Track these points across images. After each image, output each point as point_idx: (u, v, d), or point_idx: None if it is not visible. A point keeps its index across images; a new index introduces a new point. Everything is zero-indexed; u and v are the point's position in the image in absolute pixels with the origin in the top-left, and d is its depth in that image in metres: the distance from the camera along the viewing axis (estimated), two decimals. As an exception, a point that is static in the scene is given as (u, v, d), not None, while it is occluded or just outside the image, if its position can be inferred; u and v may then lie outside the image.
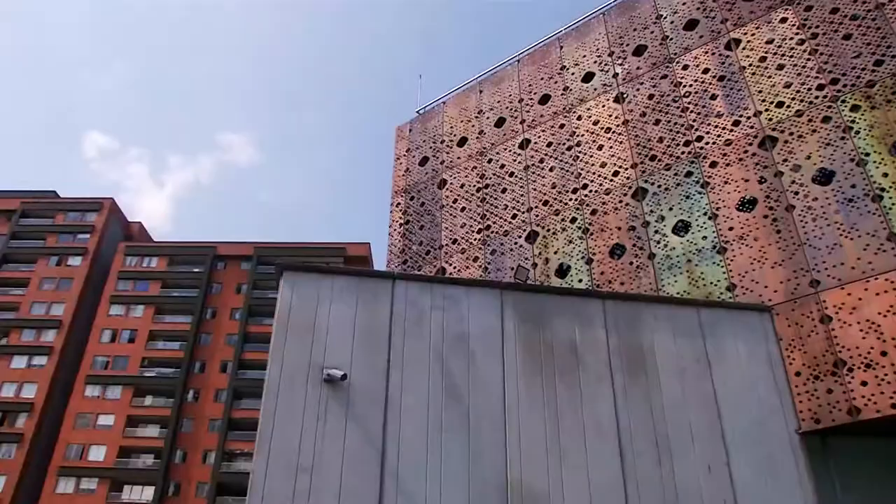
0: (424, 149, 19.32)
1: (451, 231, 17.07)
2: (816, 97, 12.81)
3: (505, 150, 17.25)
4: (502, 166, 17.03)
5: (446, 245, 16.93)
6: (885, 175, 11.44)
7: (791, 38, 13.70)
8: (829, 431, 10.47)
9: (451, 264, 16.50)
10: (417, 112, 20.36)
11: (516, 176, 16.57)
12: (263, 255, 70.16)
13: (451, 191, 17.80)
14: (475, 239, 16.39)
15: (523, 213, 15.87)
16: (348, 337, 9.54)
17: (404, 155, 19.71)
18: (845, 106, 12.42)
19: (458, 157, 18.23)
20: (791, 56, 13.53)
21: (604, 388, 9.90)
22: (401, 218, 18.47)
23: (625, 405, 9.78)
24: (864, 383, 10.22)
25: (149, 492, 58.86)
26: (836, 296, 11.02)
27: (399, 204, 18.79)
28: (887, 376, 10.07)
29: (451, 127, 19.01)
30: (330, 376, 9.08)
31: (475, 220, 16.69)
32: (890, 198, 11.23)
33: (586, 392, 9.79)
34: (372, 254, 68.81)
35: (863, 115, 12.16)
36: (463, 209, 17.17)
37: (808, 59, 13.26)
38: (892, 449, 11.03)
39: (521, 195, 16.16)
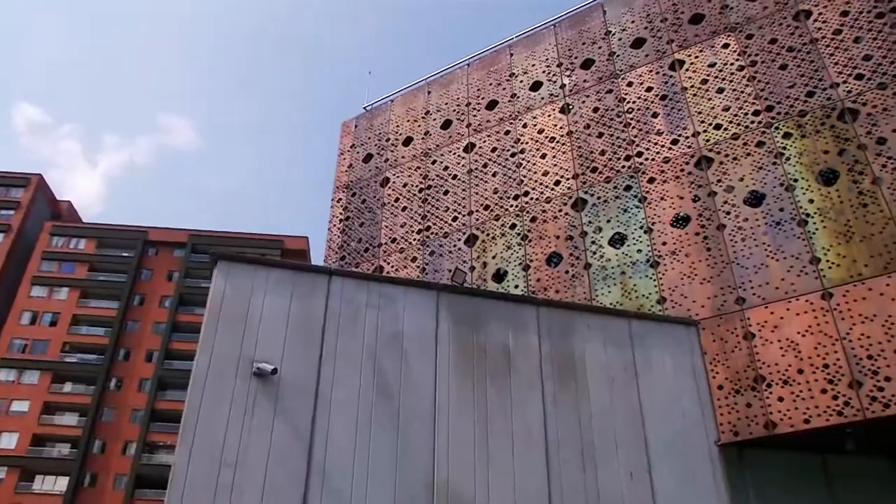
0: (369, 146, 19.22)
1: (390, 230, 17.03)
2: (752, 122, 13.28)
3: (450, 152, 17.32)
4: (446, 168, 17.08)
5: (385, 243, 16.88)
6: (811, 201, 11.95)
7: (732, 64, 14.17)
8: (746, 444, 10.88)
9: (389, 263, 16.46)
10: (365, 108, 20.25)
11: (459, 179, 16.65)
12: (198, 242, 68.45)
13: (393, 189, 17.76)
14: (415, 239, 16.40)
15: (464, 216, 15.96)
16: (281, 331, 9.40)
17: (349, 150, 19.58)
18: (778, 133, 12.92)
19: (403, 157, 18.20)
20: (731, 81, 14.00)
21: (534, 394, 10.03)
22: (341, 214, 18.32)
23: (554, 412, 9.94)
24: (780, 399, 10.64)
25: (63, 482, 56.62)
26: (759, 314, 11.44)
27: (340, 199, 18.64)
28: (802, 393, 10.51)
29: (398, 126, 18.97)
30: (260, 370, 8.94)
31: (416, 221, 16.70)
32: (814, 223, 11.73)
33: (517, 397, 9.90)
34: (310, 248, 68.10)
35: (794, 142, 12.67)
36: (404, 209, 17.15)
37: (747, 86, 13.74)
38: (805, 462, 11.54)
39: (463, 198, 16.24)
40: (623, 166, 14.37)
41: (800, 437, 10.67)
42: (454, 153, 17.21)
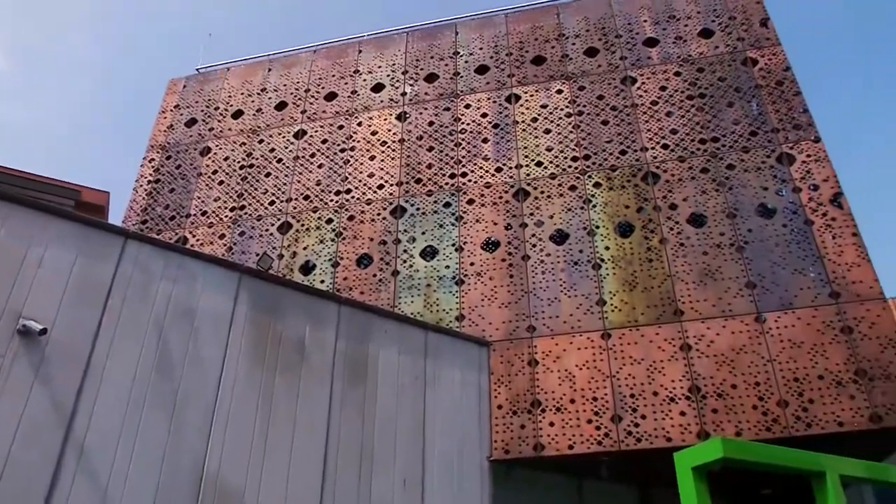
0: (195, 110, 18.15)
1: (202, 202, 16.16)
2: (569, 166, 14.24)
3: (279, 134, 16.81)
4: (272, 150, 16.55)
5: (194, 215, 15.98)
6: (607, 248, 13.02)
7: (561, 109, 15.12)
8: (515, 462, 11.53)
9: (195, 236, 15.59)
10: (197, 70, 19.11)
11: (284, 164, 16.20)
12: (-27, 175, 60.55)
13: (213, 161, 16.88)
14: (227, 216, 15.68)
15: (282, 202, 15.53)
16: (59, 289, 8.48)
17: (171, 110, 18.34)
18: (590, 181, 13.95)
19: (230, 129, 17.39)
20: (558, 124, 14.93)
21: (323, 391, 9.92)
22: (151, 175, 17.09)
23: (339, 411, 9.88)
24: (551, 424, 11.42)
25: None
26: (545, 343, 12.22)
27: (153, 160, 17.38)
28: (571, 421, 11.36)
29: (230, 96, 18.11)
30: (26, 328, 7.98)
31: (231, 197, 15.98)
32: (606, 269, 12.78)
33: (305, 392, 9.73)
34: (109, 206, 62.59)
35: (602, 192, 13.75)
36: (221, 183, 16.36)
37: (571, 132, 14.72)
38: (564, 484, 12.47)
39: (285, 184, 15.82)
40: (447, 183, 14.76)
41: (563, 460, 11.52)
42: (284, 136, 16.73)
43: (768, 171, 13.30)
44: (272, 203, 15.59)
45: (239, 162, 16.60)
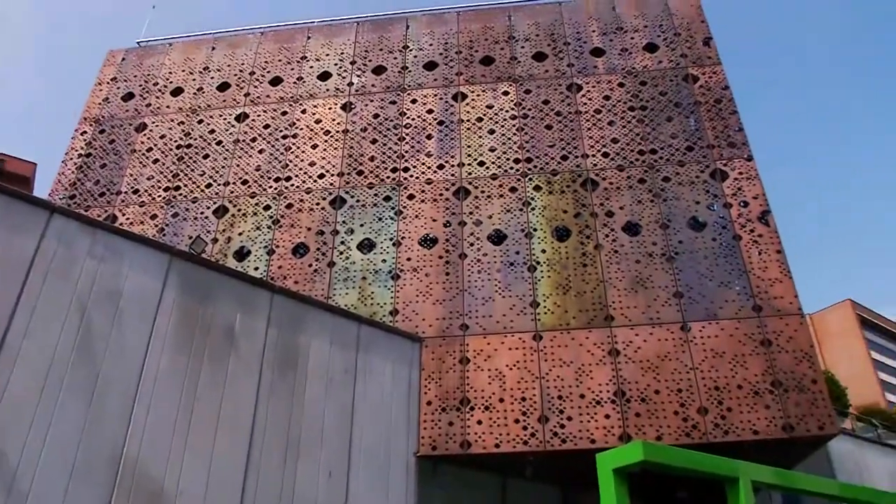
0: (133, 84, 17.56)
1: (135, 180, 15.64)
2: (511, 168, 14.37)
3: (220, 116, 16.42)
4: (212, 131, 16.16)
5: (126, 193, 15.45)
6: (543, 251, 13.20)
7: (506, 111, 15.25)
8: (442, 459, 11.58)
9: (125, 214, 15.07)
10: (138, 43, 18.49)
11: (223, 146, 15.83)
12: None
13: (148, 138, 16.36)
14: (160, 196, 15.22)
15: (219, 185, 15.18)
16: (-25, 261, 8.08)
17: (108, 83, 17.69)
18: (531, 183, 14.11)
19: (168, 107, 16.88)
20: (502, 126, 15.04)
21: (250, 380, 9.74)
22: (82, 148, 16.43)
23: (266, 401, 9.72)
24: (479, 422, 11.51)
25: None
26: (477, 342, 12.31)
27: (85, 133, 16.73)
28: (499, 420, 11.48)
29: (171, 72, 17.59)
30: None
31: (165, 177, 15.52)
32: (541, 271, 12.96)
33: (232, 380, 9.53)
34: (35, 177, 60.05)
35: (541, 195, 13.93)
36: (156, 161, 15.87)
37: (515, 134, 14.86)
38: (488, 482, 12.59)
39: (223, 167, 15.46)
40: (388, 177, 14.70)
41: (489, 459, 11.63)
42: (225, 118, 16.35)
43: (702, 185, 13.72)
44: (209, 186, 15.22)
45: (176, 141, 16.14)
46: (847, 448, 17.69)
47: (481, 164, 14.57)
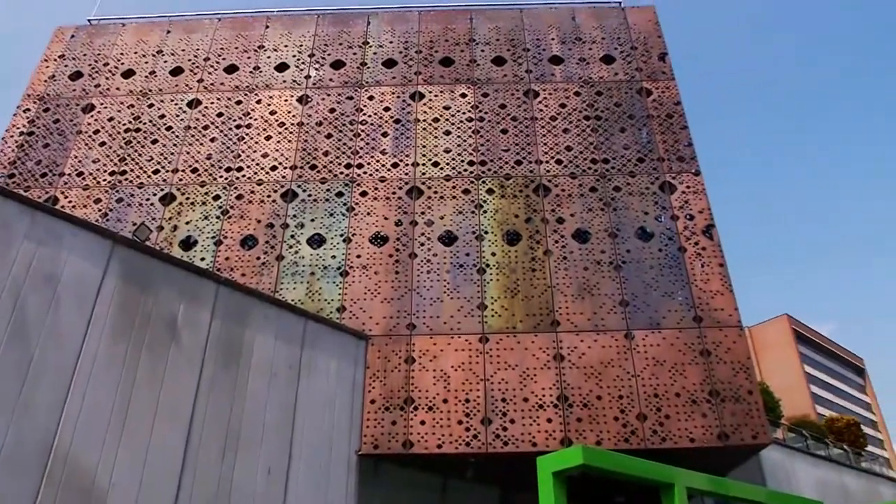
0: (82, 63, 17.02)
1: (80, 162, 15.16)
2: (465, 170, 14.42)
3: (172, 101, 16.05)
4: (162, 116, 15.78)
5: (69, 175, 14.97)
6: (493, 254, 13.28)
7: (463, 113, 15.30)
8: (384, 458, 11.53)
9: (67, 197, 14.60)
10: (89, 21, 17.95)
11: (174, 132, 15.48)
12: None
13: (96, 119, 15.88)
14: (105, 180, 14.79)
15: (167, 171, 14.83)
16: None
17: (56, 60, 17.11)
18: (484, 186, 14.18)
19: (118, 89, 16.43)
20: (458, 127, 15.08)
21: (191, 372, 9.54)
22: (25, 126, 15.86)
23: (207, 393, 9.53)
24: (422, 422, 11.51)
25: None
26: (424, 342, 12.31)
27: (28, 110, 16.14)
28: (442, 420, 11.49)
29: (122, 54, 17.12)
30: None
31: (112, 161, 15.10)
32: (490, 274, 13.03)
33: (172, 371, 9.31)
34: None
35: (494, 199, 14.01)
36: (102, 144, 15.42)
37: (470, 136, 14.92)
38: (429, 482, 12.58)
39: (172, 154, 15.11)
40: (342, 172, 14.59)
41: (431, 459, 11.63)
42: (176, 104, 15.99)
43: (651, 196, 13.99)
44: (156, 172, 14.86)
45: (124, 124, 15.71)
46: (778, 457, 18.28)
47: (435, 164, 14.58)
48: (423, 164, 14.59)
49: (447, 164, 14.58)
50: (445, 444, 11.33)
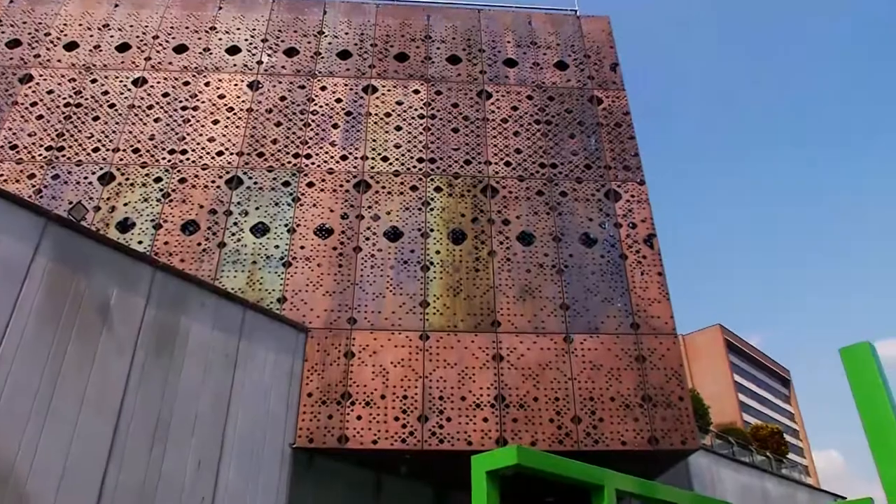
0: (21, 31, 16.34)
1: (14, 134, 14.55)
2: (414, 167, 14.39)
3: (116, 78, 15.55)
4: (105, 93, 15.28)
5: (2, 147, 14.35)
6: (438, 252, 13.29)
7: (416, 109, 15.26)
8: (318, 451, 11.43)
9: (-2, 170, 14.00)
10: (29, -12, 17.23)
11: (117, 110, 15.00)
12: None
13: (34, 91, 15.27)
14: (41, 155, 14.24)
15: (108, 150, 14.37)
16: None
17: (-9, 26, 16.37)
18: (432, 184, 14.18)
19: (59, 61, 15.83)
20: (410, 123, 15.04)
21: (123, 358, 9.26)
22: (-45, 93, 15.13)
23: (138, 382, 9.26)
24: (359, 417, 11.45)
25: None
26: (364, 337, 12.25)
27: (-41, 77, 15.41)
28: (378, 416, 11.45)
29: (66, 24, 16.50)
30: None
31: (49, 135, 14.54)
32: (434, 272, 13.04)
33: (102, 358, 9.02)
34: None
35: (441, 197, 14.03)
36: (40, 117, 14.83)
37: (421, 133, 14.89)
38: (363, 477, 12.54)
39: (114, 132, 14.65)
40: (290, 162, 14.39)
41: (366, 454, 11.58)
42: (121, 81, 15.50)
43: (596, 203, 14.22)
44: (96, 150, 14.37)
45: (64, 98, 15.16)
46: (705, 462, 18.83)
47: (385, 159, 14.51)
48: (373, 159, 14.51)
49: (397, 159, 14.53)
50: (381, 439, 11.29)
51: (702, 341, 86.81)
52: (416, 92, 15.59)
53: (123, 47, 16.13)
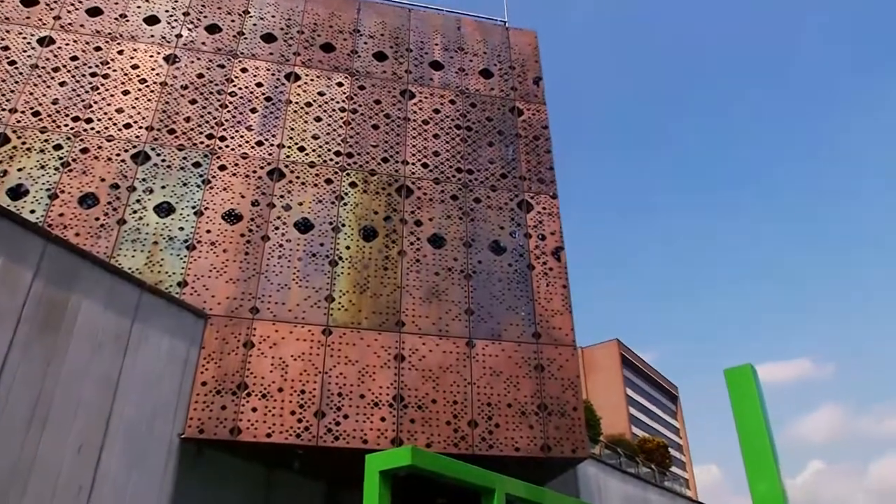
0: (-86, -26, 15.11)
1: None
2: (331, 160, 14.22)
3: (20, 34, 14.62)
4: (6, 49, 14.33)
5: None
6: (348, 248, 13.18)
7: (337, 102, 15.09)
8: (208, 443, 11.08)
9: None
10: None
11: (18, 69, 14.10)
12: None
13: (-77, 39, 14.15)
14: (-74, 108, 13.21)
15: (4, 110, 13.46)
16: None
17: None
18: (347, 178, 14.06)
19: (-45, 10, 14.74)
20: (330, 115, 14.86)
21: (3, 332, 8.68)
22: None
23: (18, 359, 8.70)
24: (254, 409, 11.19)
25: None
26: (265, 328, 11.99)
27: None
28: (274, 409, 11.23)
29: (-35, -28, 15.37)
30: None
31: (-62, 88, 13.50)
32: (342, 268, 12.93)
33: (-21, 329, 8.44)
34: None
35: (356, 192, 13.92)
36: (-72, 68, 13.76)
37: (341, 127, 14.74)
38: (254, 471, 12.26)
39: (12, 91, 13.76)
40: (202, 142, 13.94)
41: (258, 448, 11.33)
42: (25, 38, 14.58)
43: (508, 212, 14.47)
44: (-10, 109, 13.46)
45: (-41, 51, 14.12)
46: (593, 471, 19.46)
47: (301, 149, 14.27)
48: (289, 147, 14.24)
49: (314, 150, 14.32)
50: (275, 433, 11.08)
51: (599, 354, 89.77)
52: (340, 84, 15.41)
53: (30, 2, 15.18)
